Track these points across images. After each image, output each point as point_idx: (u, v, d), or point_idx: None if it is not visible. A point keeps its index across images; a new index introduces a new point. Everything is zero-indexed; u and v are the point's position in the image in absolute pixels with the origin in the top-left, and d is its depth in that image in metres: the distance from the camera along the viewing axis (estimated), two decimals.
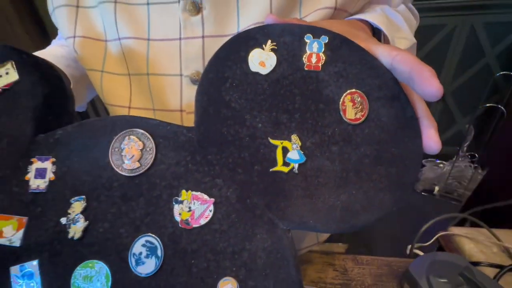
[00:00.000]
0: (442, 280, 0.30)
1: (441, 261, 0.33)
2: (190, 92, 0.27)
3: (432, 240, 0.42)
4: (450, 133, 1.57)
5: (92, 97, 0.39)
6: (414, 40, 0.31)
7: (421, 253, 0.40)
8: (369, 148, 0.17)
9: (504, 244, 0.37)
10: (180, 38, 0.26)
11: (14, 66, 0.20)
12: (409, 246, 0.41)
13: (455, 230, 0.42)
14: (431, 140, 0.17)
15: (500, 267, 0.35)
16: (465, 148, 1.41)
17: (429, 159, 1.49)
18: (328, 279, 0.36)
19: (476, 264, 0.36)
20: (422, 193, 1.46)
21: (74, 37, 0.29)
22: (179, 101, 0.27)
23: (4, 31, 1.35)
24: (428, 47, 1.36)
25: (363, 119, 0.17)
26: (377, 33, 0.27)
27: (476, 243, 0.39)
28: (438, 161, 1.49)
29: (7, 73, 0.20)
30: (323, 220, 0.17)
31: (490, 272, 0.34)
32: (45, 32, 1.45)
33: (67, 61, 0.32)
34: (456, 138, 1.53)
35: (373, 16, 0.26)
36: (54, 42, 0.38)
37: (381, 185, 0.17)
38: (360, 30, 0.24)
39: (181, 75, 0.27)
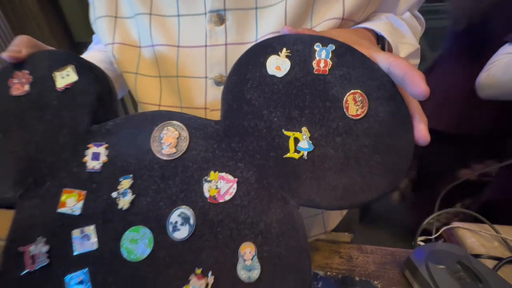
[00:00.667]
0: (440, 267, 0.32)
1: (441, 250, 0.35)
2: (213, 92, 0.31)
3: (437, 234, 0.44)
4: None
5: (122, 96, 0.44)
6: (418, 46, 0.34)
7: None
8: (367, 140, 0.20)
9: (503, 235, 0.39)
10: (206, 45, 0.30)
11: (74, 69, 0.24)
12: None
13: (458, 224, 0.43)
14: (422, 133, 0.20)
15: (500, 259, 0.37)
16: None
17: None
18: (334, 265, 0.39)
19: (476, 256, 0.38)
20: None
21: (113, 43, 0.34)
22: (203, 100, 0.31)
23: (35, 35, 1.44)
24: (441, 50, 1.35)
25: (363, 115, 0.21)
26: (381, 40, 0.30)
27: (478, 237, 0.41)
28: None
29: (68, 75, 0.24)
30: (327, 198, 0.20)
31: (490, 264, 0.36)
32: (70, 35, 1.55)
33: (105, 65, 0.36)
34: None
35: (378, 25, 0.29)
36: (91, 47, 0.42)
37: (377, 171, 0.20)
38: (364, 38, 0.27)
39: (206, 77, 0.31)
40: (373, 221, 1.37)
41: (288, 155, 0.21)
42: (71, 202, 0.22)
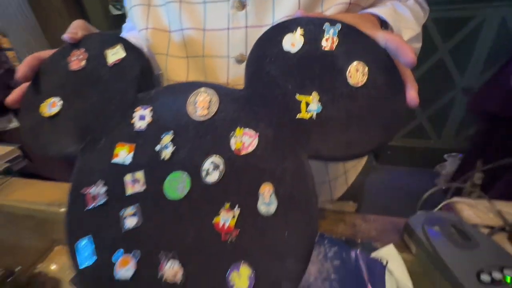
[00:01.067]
0: (436, 228, 0.36)
1: (437, 216, 0.38)
2: (234, 70, 0.35)
3: (437, 209, 0.47)
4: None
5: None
6: (419, 31, 0.37)
7: None
8: (366, 103, 0.24)
9: (498, 207, 0.42)
10: (228, 28, 0.34)
11: (122, 47, 0.29)
12: None
13: (457, 199, 0.47)
14: (412, 97, 0.24)
15: (494, 228, 0.40)
16: None
17: (452, 153, 1.48)
18: (339, 231, 0.43)
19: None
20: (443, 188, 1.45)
21: (147, 29, 0.39)
22: (226, 77, 0.36)
23: (56, 24, 1.54)
24: (454, 41, 1.34)
25: (363, 83, 0.25)
26: (385, 24, 0.34)
27: (474, 210, 0.44)
28: (461, 155, 1.47)
29: (117, 52, 0.30)
30: (331, 150, 0.24)
31: (484, 232, 0.39)
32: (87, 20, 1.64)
33: None
34: None
35: (381, 10, 0.33)
36: (123, 35, 0.48)
37: (374, 128, 0.24)
38: (368, 21, 0.30)
39: (228, 56, 0.35)
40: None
41: (300, 115, 0.25)
42: (123, 154, 0.27)
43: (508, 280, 0.29)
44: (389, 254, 0.35)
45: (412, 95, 0.24)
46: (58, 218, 0.59)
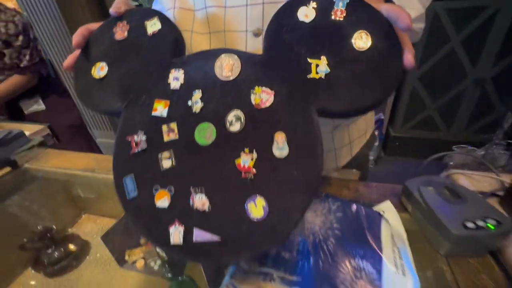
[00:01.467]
0: (430, 188, 0.40)
1: (432, 179, 0.42)
2: (252, 42, 0.40)
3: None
4: (487, 120, 1.53)
5: None
6: (422, 11, 0.41)
7: None
8: (369, 65, 0.28)
9: (493, 176, 0.45)
10: (246, 5, 0.39)
11: (159, 19, 0.34)
12: None
13: (456, 171, 0.50)
14: (408, 60, 0.28)
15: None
16: (500, 136, 1.38)
17: (461, 145, 1.48)
18: (343, 195, 0.47)
19: None
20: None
21: (174, 8, 0.44)
22: (244, 49, 0.40)
23: (78, 18, 1.61)
24: (467, 31, 1.34)
25: (367, 48, 0.29)
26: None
27: (470, 180, 0.48)
28: (470, 148, 1.47)
29: (155, 24, 0.35)
30: (337, 106, 0.29)
31: None
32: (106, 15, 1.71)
33: None
34: (493, 125, 1.49)
35: None
36: None
37: (374, 86, 0.28)
38: None
39: (246, 31, 0.40)
40: None
41: (310, 76, 0.29)
42: (160, 109, 0.32)
43: (491, 227, 0.33)
44: (386, 208, 0.39)
45: (408, 58, 0.28)
46: (89, 183, 0.66)
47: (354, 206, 0.39)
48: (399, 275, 0.32)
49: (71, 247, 0.66)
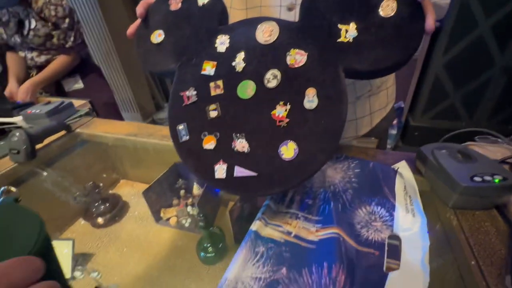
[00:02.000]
0: (443, 151, 0.44)
1: (447, 145, 0.46)
2: (285, 16, 0.45)
3: None
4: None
5: None
6: None
7: None
8: (393, 30, 0.33)
9: (506, 145, 0.48)
10: None
11: None
12: None
13: (471, 143, 0.53)
14: (429, 24, 0.32)
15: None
16: None
17: (483, 136, 1.45)
18: None
19: None
20: None
21: None
22: None
23: (111, 3, 1.71)
24: (497, 16, 1.29)
25: (393, 14, 0.33)
26: None
27: (485, 150, 0.51)
28: (493, 138, 1.44)
29: None
30: (363, 65, 0.33)
31: None
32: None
33: None
34: None
35: None
36: None
37: (397, 48, 0.32)
38: None
39: (280, 5, 0.45)
40: None
41: (340, 39, 0.34)
42: (209, 68, 0.38)
43: (497, 181, 0.37)
44: (401, 165, 0.44)
45: (429, 23, 0.31)
46: (131, 145, 0.74)
47: (371, 163, 0.44)
48: (409, 216, 0.37)
49: (115, 203, 0.75)
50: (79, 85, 1.30)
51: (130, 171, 0.88)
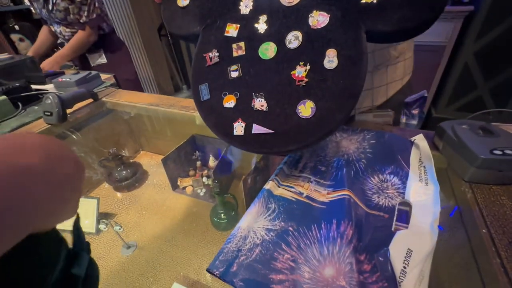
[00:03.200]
0: (464, 126, 0.43)
1: (468, 122, 0.45)
2: None
3: None
4: None
5: None
6: None
7: None
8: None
9: None
10: None
11: None
12: None
13: (495, 123, 0.51)
14: None
15: None
16: None
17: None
18: None
19: None
20: None
21: None
22: None
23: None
24: None
25: None
26: None
27: (509, 129, 0.49)
28: None
29: None
30: (386, 26, 0.33)
31: None
32: None
33: None
34: None
35: None
36: None
37: (422, 6, 0.32)
38: None
39: None
40: None
41: (364, 0, 0.34)
42: (232, 31, 0.40)
43: None
44: (418, 137, 0.44)
45: None
46: (153, 114, 0.77)
47: (387, 135, 0.44)
48: (423, 184, 0.37)
49: (135, 170, 0.80)
50: (103, 60, 1.35)
51: (150, 143, 0.92)
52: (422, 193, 0.37)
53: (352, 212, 0.34)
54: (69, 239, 0.21)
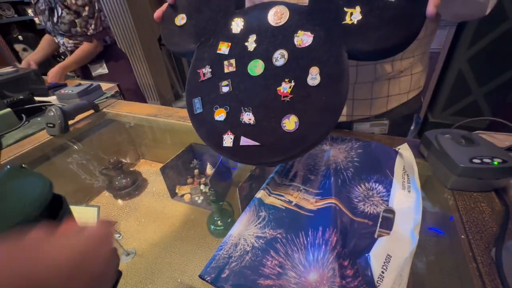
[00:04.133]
0: (446, 136, 0.45)
1: (452, 131, 0.47)
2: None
3: None
4: None
5: None
6: None
7: None
8: (396, 11, 0.34)
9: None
10: None
11: None
12: None
13: (479, 131, 0.53)
14: (430, 11, 0.33)
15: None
16: None
17: None
18: None
19: None
20: None
21: None
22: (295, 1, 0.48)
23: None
24: None
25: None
26: None
27: (493, 138, 0.51)
28: None
29: None
30: (365, 46, 0.35)
31: None
32: None
33: None
34: None
35: None
36: None
37: (399, 28, 0.34)
38: None
39: None
40: None
41: (345, 21, 0.36)
42: (224, 48, 0.42)
43: (496, 163, 0.38)
44: (402, 147, 0.46)
45: (430, 9, 0.33)
46: (153, 124, 0.80)
47: (373, 144, 0.46)
48: (405, 192, 0.39)
49: (135, 179, 0.82)
50: (104, 70, 1.39)
51: (149, 151, 0.95)
52: (405, 201, 0.38)
53: (337, 219, 0.36)
54: None
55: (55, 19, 1.16)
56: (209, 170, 0.84)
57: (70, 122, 0.72)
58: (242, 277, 0.32)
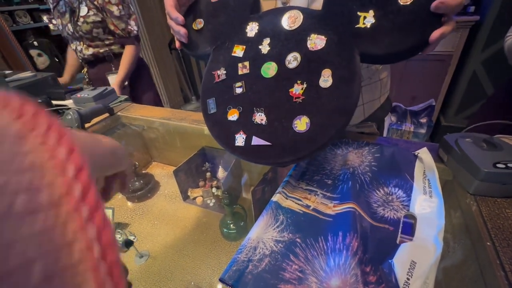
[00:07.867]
0: (467, 139, 0.44)
1: (473, 134, 0.45)
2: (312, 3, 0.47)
3: None
4: None
5: None
6: None
7: None
8: (411, 15, 0.34)
9: None
10: None
11: None
12: None
13: (500, 135, 0.52)
14: (434, 35, 0.32)
15: None
16: None
17: None
18: None
19: None
20: None
21: None
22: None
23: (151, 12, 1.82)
24: None
25: (409, 3, 0.34)
26: None
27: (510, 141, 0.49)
28: None
29: None
30: (377, 49, 0.35)
31: None
32: None
33: None
34: None
35: None
36: None
37: (410, 35, 0.34)
38: None
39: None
40: None
41: (358, 25, 0.36)
42: (238, 51, 0.42)
43: None
44: (422, 151, 0.45)
45: (435, 33, 0.32)
46: (165, 128, 0.81)
47: (392, 149, 0.46)
48: (427, 197, 0.38)
49: (148, 181, 0.83)
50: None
51: (162, 154, 0.96)
52: (427, 206, 0.37)
53: (357, 224, 0.35)
54: None
55: (76, 19, 1.09)
56: (221, 173, 0.84)
57: (86, 125, 0.74)
58: (262, 281, 0.31)
